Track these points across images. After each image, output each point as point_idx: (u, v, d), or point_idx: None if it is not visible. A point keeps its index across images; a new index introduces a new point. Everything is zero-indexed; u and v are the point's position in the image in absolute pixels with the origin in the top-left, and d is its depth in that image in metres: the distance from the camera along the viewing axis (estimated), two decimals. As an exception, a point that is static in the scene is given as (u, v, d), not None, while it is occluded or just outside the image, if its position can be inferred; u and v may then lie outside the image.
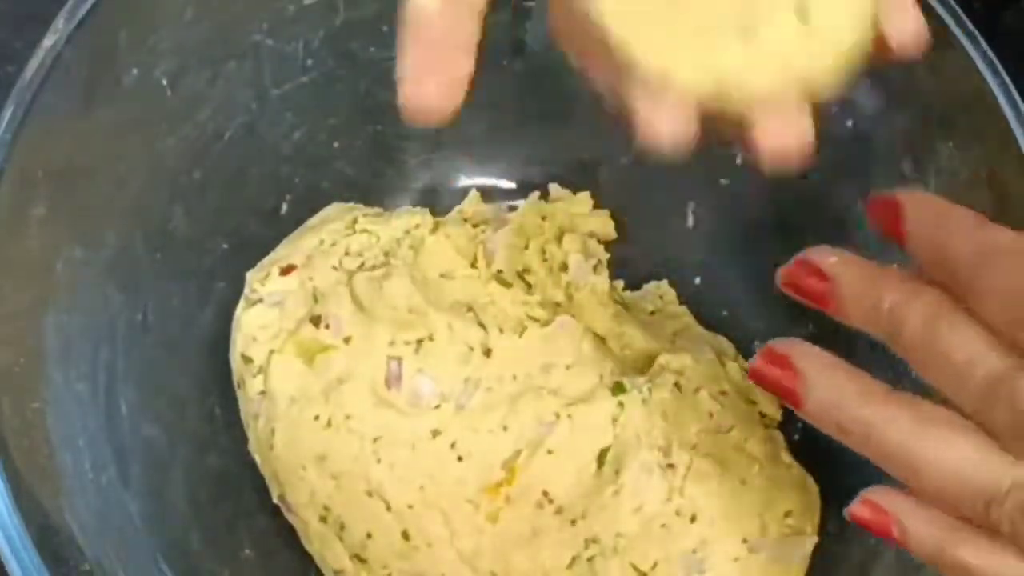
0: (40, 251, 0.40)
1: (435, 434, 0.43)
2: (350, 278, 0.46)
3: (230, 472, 0.46)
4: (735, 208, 0.49)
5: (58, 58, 0.39)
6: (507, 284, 0.46)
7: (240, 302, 0.46)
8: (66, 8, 0.39)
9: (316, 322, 0.45)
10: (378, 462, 0.43)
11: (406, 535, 0.43)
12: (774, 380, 0.31)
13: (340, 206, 0.49)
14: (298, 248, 0.47)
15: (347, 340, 0.45)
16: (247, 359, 0.45)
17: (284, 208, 0.49)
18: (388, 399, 0.44)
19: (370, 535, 0.43)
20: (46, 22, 0.39)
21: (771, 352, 0.31)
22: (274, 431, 0.44)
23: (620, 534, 0.42)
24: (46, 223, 0.39)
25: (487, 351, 0.44)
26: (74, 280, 0.41)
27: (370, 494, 0.43)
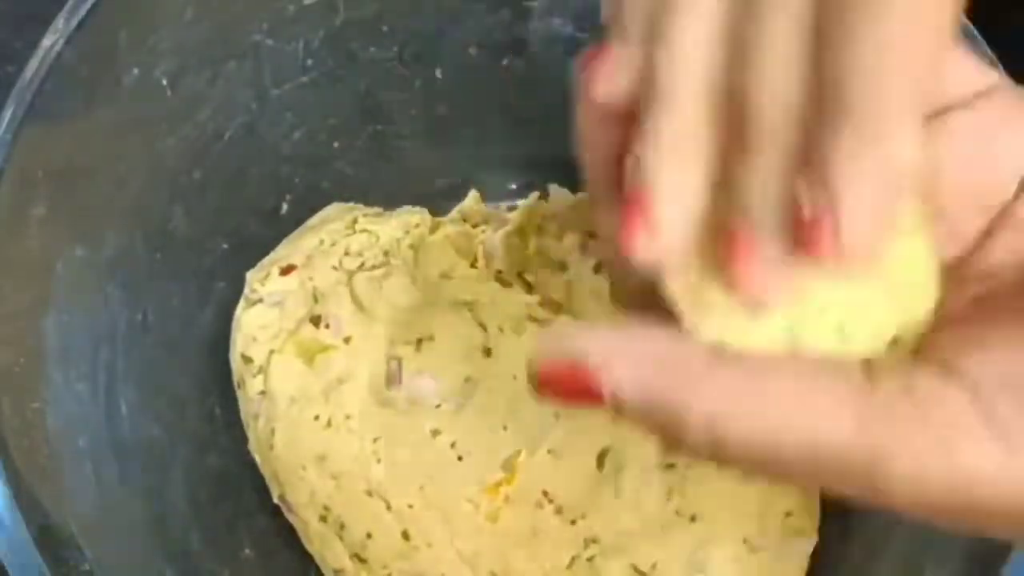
0: (40, 251, 0.40)
1: (435, 434, 0.43)
2: (350, 278, 0.46)
3: (230, 472, 0.46)
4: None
5: (58, 58, 0.39)
6: (507, 284, 0.46)
7: (240, 302, 0.46)
8: (66, 8, 0.39)
9: (316, 322, 0.45)
10: (378, 462, 0.43)
11: (406, 535, 0.43)
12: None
13: (340, 206, 0.49)
14: (298, 248, 0.47)
15: (347, 340, 0.45)
16: (247, 359, 0.45)
17: (284, 208, 0.49)
18: (388, 399, 0.44)
19: (370, 535, 0.43)
20: (46, 22, 0.39)
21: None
22: (274, 431, 0.44)
23: (620, 534, 0.42)
24: (46, 223, 0.39)
25: (487, 351, 0.44)
26: (74, 280, 0.41)
27: (370, 494, 0.43)
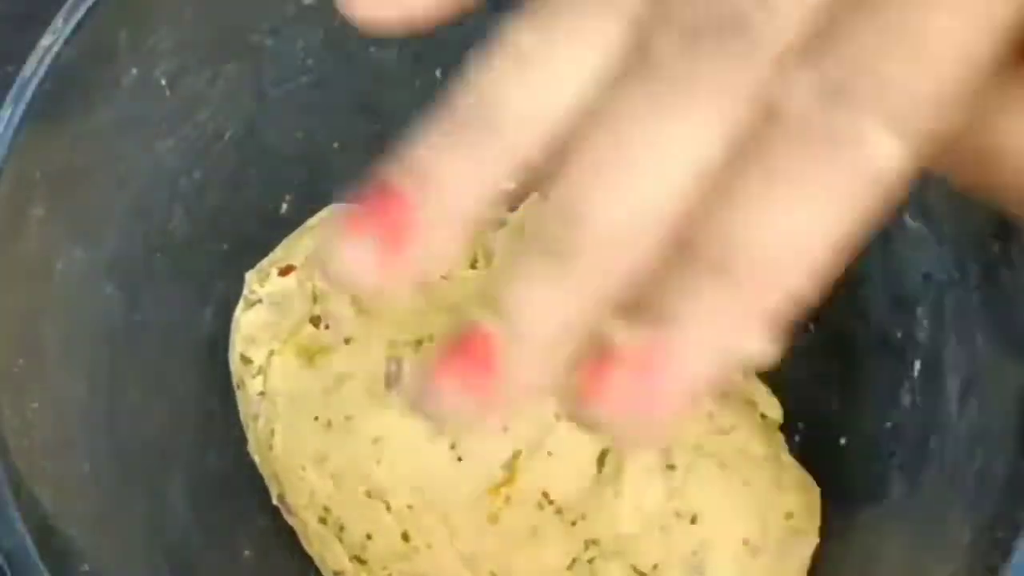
0: (40, 251, 0.40)
1: (435, 434, 0.43)
2: (350, 278, 0.46)
3: (230, 473, 0.46)
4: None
5: (57, 58, 0.39)
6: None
7: (239, 303, 0.46)
8: (65, 8, 0.39)
9: (316, 322, 0.45)
10: (378, 463, 0.43)
11: (406, 536, 0.43)
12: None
13: (340, 206, 0.49)
14: (298, 249, 0.47)
15: (347, 340, 0.44)
16: (246, 360, 0.45)
17: (284, 208, 0.49)
18: (388, 399, 0.44)
19: (370, 536, 0.43)
20: (46, 22, 0.39)
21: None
22: (274, 432, 0.44)
23: (620, 535, 0.42)
24: (46, 223, 0.39)
25: (487, 351, 0.44)
26: (74, 280, 0.41)
27: (370, 495, 0.43)
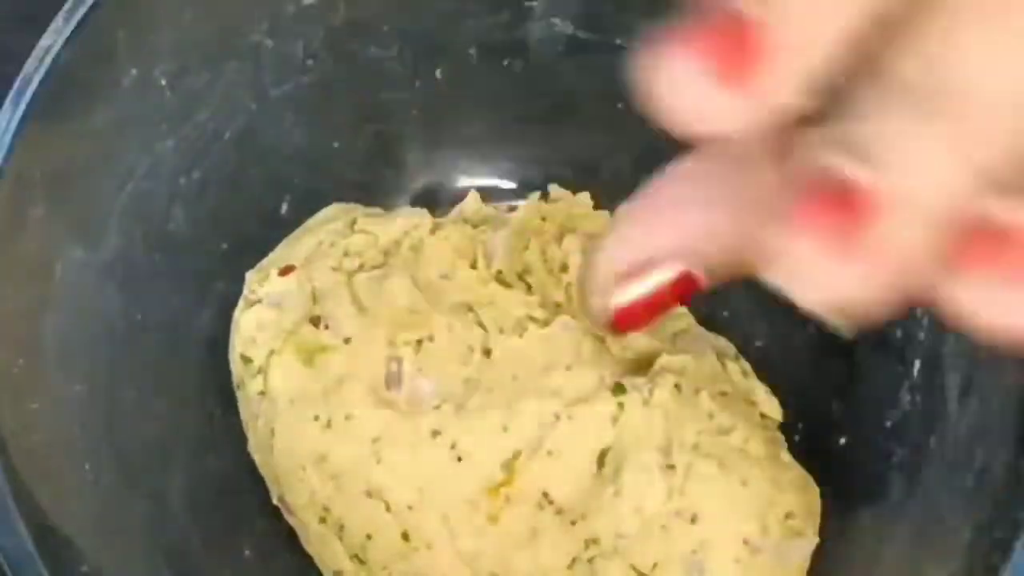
0: (40, 251, 0.40)
1: (435, 434, 0.43)
2: (350, 278, 0.46)
3: (230, 473, 0.46)
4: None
5: (57, 58, 0.39)
6: (507, 285, 0.46)
7: (239, 303, 0.46)
8: (65, 8, 0.39)
9: (316, 322, 0.45)
10: (378, 463, 0.43)
11: (406, 536, 0.43)
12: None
13: (340, 206, 0.49)
14: (297, 249, 0.47)
15: (347, 340, 0.44)
16: (246, 360, 0.45)
17: (284, 208, 0.49)
18: (388, 399, 0.44)
19: (370, 536, 0.43)
20: (46, 22, 0.39)
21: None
22: (273, 432, 0.44)
23: (620, 535, 0.42)
24: (46, 223, 0.39)
25: (487, 351, 0.44)
26: (74, 280, 0.41)
27: (370, 495, 0.43)
